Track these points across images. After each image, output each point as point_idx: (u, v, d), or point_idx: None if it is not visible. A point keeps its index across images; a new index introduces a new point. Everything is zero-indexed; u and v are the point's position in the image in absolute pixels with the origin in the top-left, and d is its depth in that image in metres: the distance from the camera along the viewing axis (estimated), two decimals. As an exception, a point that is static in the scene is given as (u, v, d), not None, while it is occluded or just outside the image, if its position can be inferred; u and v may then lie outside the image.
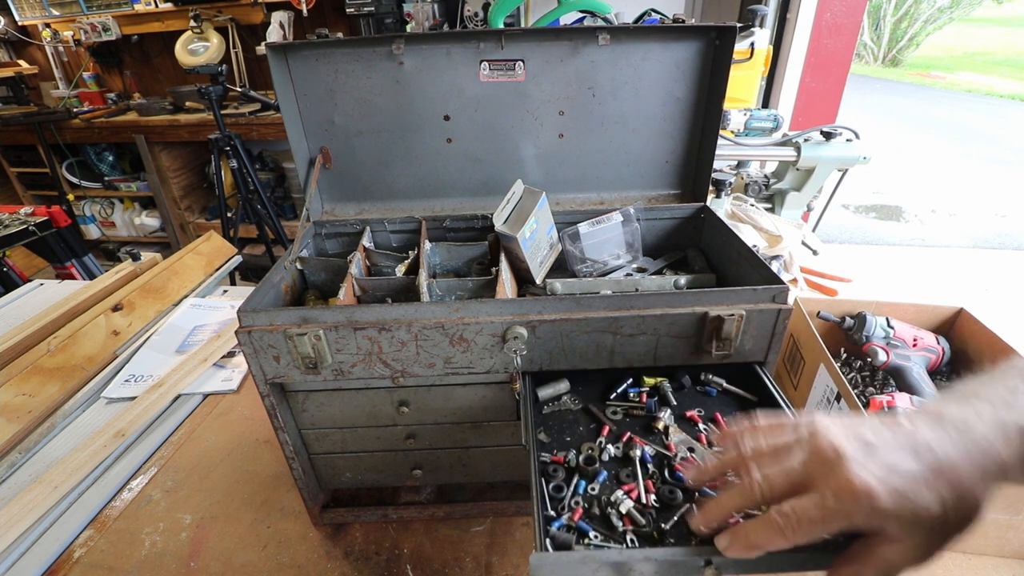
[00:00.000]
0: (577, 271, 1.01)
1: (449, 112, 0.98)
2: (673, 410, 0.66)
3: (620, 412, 0.66)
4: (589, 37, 0.91)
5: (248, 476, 0.95)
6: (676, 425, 0.64)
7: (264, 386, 0.70)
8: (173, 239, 3.78)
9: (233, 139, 2.66)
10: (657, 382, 0.69)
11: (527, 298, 0.66)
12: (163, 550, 0.82)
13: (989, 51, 14.14)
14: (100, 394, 1.15)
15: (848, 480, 0.37)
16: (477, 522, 0.85)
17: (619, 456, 0.60)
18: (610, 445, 0.61)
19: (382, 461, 0.82)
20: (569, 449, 0.61)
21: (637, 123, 0.99)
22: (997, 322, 0.93)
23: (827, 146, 1.59)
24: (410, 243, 1.03)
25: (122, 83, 3.86)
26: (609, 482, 0.56)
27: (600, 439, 0.62)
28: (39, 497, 0.89)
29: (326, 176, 1.03)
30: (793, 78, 2.77)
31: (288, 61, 0.92)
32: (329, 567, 0.79)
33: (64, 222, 2.52)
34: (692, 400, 0.68)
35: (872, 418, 0.42)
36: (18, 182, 3.82)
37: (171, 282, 1.49)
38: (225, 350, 1.25)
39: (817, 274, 1.44)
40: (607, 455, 0.59)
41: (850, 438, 0.40)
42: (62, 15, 3.50)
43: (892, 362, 0.95)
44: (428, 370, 0.69)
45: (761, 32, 1.94)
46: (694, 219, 1.02)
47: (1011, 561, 0.75)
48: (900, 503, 0.37)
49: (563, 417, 0.67)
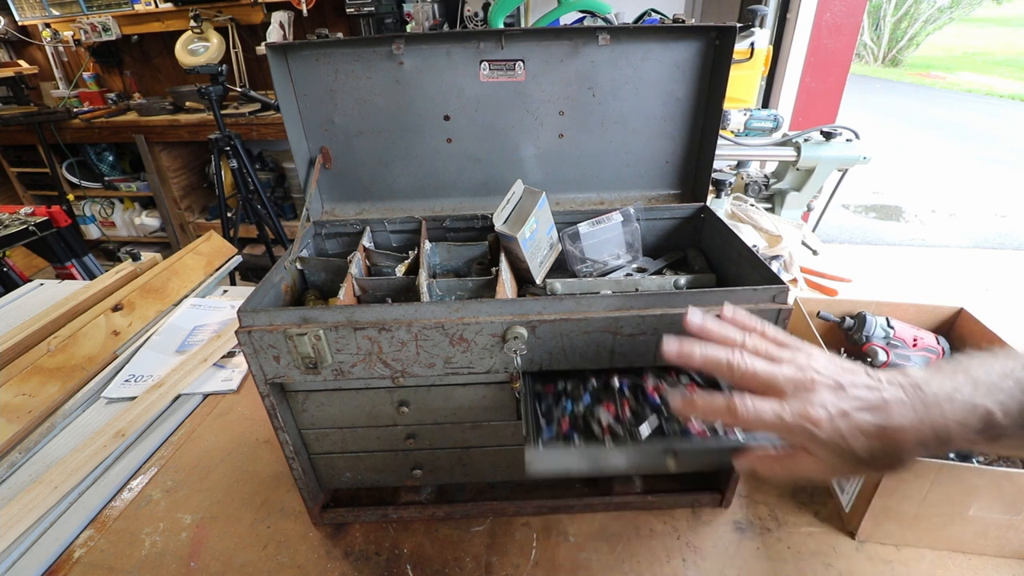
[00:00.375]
0: (577, 271, 1.01)
1: (449, 112, 0.98)
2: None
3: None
4: (589, 37, 0.91)
5: (248, 476, 0.95)
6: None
7: (264, 386, 0.70)
8: (173, 239, 3.78)
9: (233, 139, 2.67)
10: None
11: (527, 298, 0.66)
12: (163, 550, 0.82)
13: (989, 51, 14.15)
14: (100, 394, 1.15)
15: (805, 408, 0.46)
16: (477, 522, 0.85)
17: (601, 387, 0.69)
18: (593, 378, 0.70)
19: (382, 461, 0.82)
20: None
21: (637, 123, 0.99)
22: (997, 322, 0.93)
23: (827, 146, 1.59)
24: (410, 243, 1.03)
25: (122, 83, 3.86)
26: (592, 403, 0.67)
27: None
28: (39, 497, 0.89)
29: (326, 176, 1.03)
30: (793, 78, 2.77)
31: (288, 61, 0.92)
32: (329, 567, 0.79)
33: (64, 222, 2.52)
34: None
35: (861, 367, 0.50)
36: (18, 182, 3.83)
37: (171, 282, 1.49)
38: (225, 350, 1.25)
39: (817, 274, 1.44)
40: (591, 386, 0.69)
41: (830, 376, 0.48)
42: (62, 15, 3.50)
43: (892, 362, 0.95)
44: (428, 370, 0.69)
45: (761, 32, 1.94)
46: (694, 219, 1.02)
47: (1011, 561, 0.75)
48: (834, 439, 0.45)
49: None
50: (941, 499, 0.72)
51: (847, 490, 0.80)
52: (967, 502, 0.71)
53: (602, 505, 0.85)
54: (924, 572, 0.74)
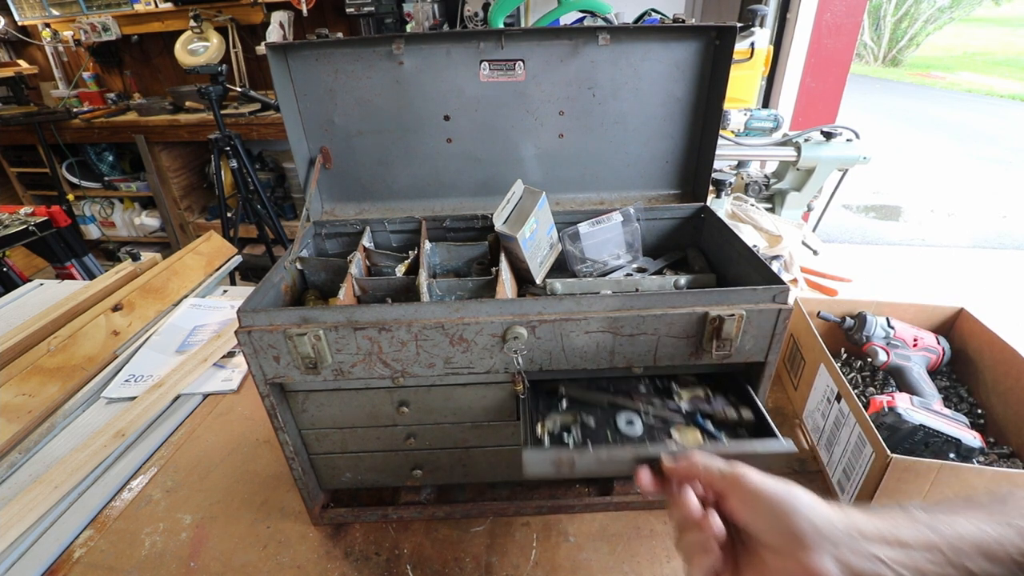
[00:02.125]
0: (577, 271, 1.01)
1: (449, 112, 0.98)
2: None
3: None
4: (589, 37, 0.91)
5: (248, 476, 0.95)
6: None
7: (264, 386, 0.70)
8: (173, 239, 3.78)
9: (233, 139, 2.66)
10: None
11: (527, 298, 0.66)
12: (163, 550, 0.82)
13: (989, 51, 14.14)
14: (100, 394, 1.15)
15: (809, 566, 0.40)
16: (477, 522, 0.85)
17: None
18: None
19: (382, 461, 0.82)
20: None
21: (637, 123, 0.99)
22: (997, 322, 0.93)
23: (827, 146, 1.59)
24: (410, 243, 1.03)
25: (122, 83, 3.86)
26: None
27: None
28: (39, 497, 0.89)
29: (326, 176, 1.03)
30: (793, 78, 2.77)
31: (288, 61, 0.92)
32: (329, 567, 0.79)
33: (64, 222, 2.52)
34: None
35: (853, 513, 0.43)
36: (18, 182, 3.82)
37: (171, 282, 1.49)
38: (225, 350, 1.25)
39: (817, 274, 1.44)
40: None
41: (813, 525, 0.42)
42: (62, 15, 3.49)
43: (892, 362, 0.95)
44: (428, 370, 0.69)
45: (761, 32, 1.94)
46: (694, 219, 1.02)
47: (1011, 561, 0.75)
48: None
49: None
50: (941, 499, 0.71)
51: (847, 490, 0.80)
52: (967, 502, 0.71)
53: (602, 505, 0.85)
54: None
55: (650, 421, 0.67)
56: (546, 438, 0.66)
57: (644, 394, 0.71)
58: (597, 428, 0.66)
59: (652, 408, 0.69)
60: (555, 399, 0.72)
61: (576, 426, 0.66)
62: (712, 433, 0.64)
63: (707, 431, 0.65)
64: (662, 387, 0.73)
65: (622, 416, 0.67)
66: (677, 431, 0.65)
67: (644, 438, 0.65)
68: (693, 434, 0.64)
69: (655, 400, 0.70)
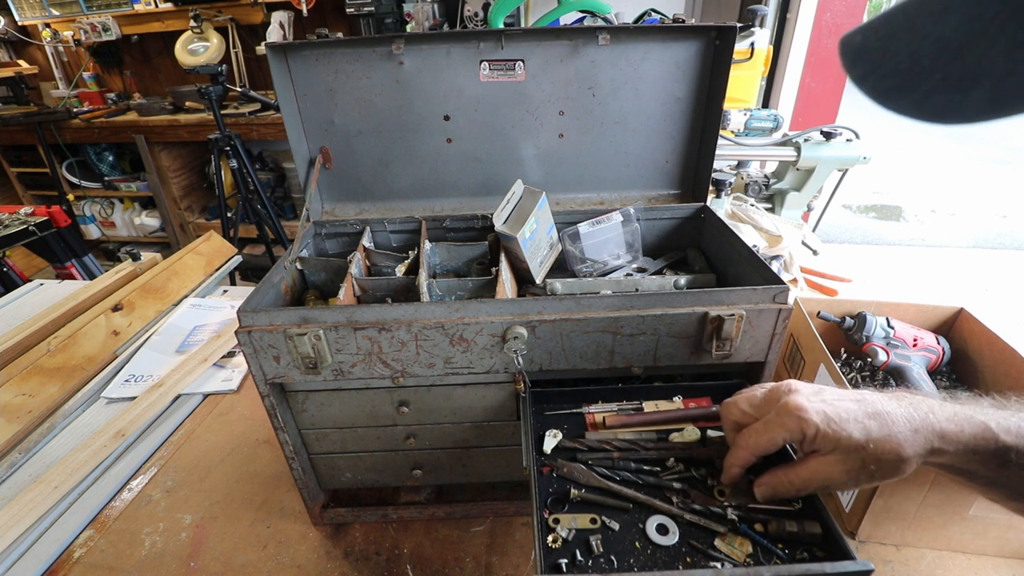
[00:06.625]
0: (577, 271, 1.01)
1: (449, 112, 0.98)
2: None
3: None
4: (589, 37, 0.91)
5: (248, 476, 0.95)
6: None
7: (264, 386, 0.70)
8: (173, 239, 3.78)
9: (233, 139, 2.66)
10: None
11: (527, 298, 0.66)
12: (163, 550, 0.82)
13: (989, 51, 14.13)
14: (100, 394, 1.15)
15: (787, 402, 0.49)
16: (477, 522, 0.85)
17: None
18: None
19: (382, 461, 0.82)
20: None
21: (637, 123, 0.99)
22: (997, 322, 0.93)
23: (827, 146, 1.59)
24: (410, 243, 1.03)
25: (122, 83, 3.86)
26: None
27: None
28: (39, 497, 0.89)
29: (326, 176, 1.03)
30: (793, 78, 2.77)
31: (288, 61, 0.92)
32: (329, 567, 0.79)
33: (64, 222, 2.52)
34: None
35: (842, 389, 0.51)
36: (18, 182, 3.83)
37: (171, 282, 1.49)
38: (225, 350, 1.25)
39: (817, 274, 1.44)
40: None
41: (807, 386, 0.51)
42: (62, 15, 3.49)
43: (892, 362, 0.95)
44: (428, 370, 0.69)
45: (761, 32, 1.94)
46: (694, 219, 1.02)
47: (1011, 561, 0.75)
48: (826, 422, 0.46)
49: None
50: (941, 499, 0.72)
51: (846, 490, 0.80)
52: (967, 502, 0.71)
53: (602, 505, 0.85)
54: (924, 572, 0.74)
55: (685, 525, 0.55)
56: (560, 547, 0.53)
57: (679, 490, 0.58)
58: (622, 533, 0.55)
59: (688, 511, 0.56)
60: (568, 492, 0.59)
61: (596, 537, 0.53)
62: (767, 546, 0.53)
63: (760, 543, 0.53)
64: (700, 481, 0.60)
65: (652, 521, 0.56)
66: (722, 542, 0.53)
67: (680, 548, 0.53)
68: (743, 545, 0.53)
69: (692, 500, 0.57)
